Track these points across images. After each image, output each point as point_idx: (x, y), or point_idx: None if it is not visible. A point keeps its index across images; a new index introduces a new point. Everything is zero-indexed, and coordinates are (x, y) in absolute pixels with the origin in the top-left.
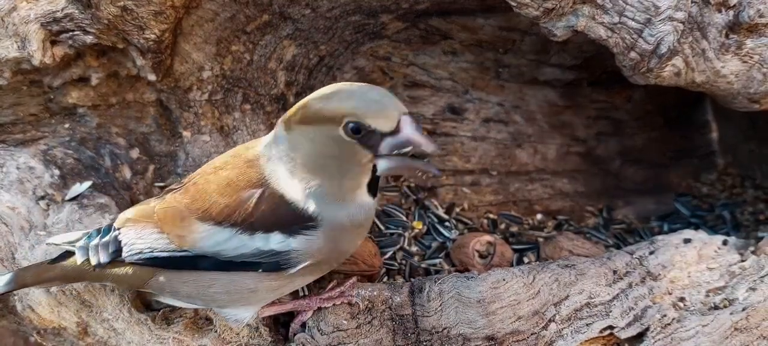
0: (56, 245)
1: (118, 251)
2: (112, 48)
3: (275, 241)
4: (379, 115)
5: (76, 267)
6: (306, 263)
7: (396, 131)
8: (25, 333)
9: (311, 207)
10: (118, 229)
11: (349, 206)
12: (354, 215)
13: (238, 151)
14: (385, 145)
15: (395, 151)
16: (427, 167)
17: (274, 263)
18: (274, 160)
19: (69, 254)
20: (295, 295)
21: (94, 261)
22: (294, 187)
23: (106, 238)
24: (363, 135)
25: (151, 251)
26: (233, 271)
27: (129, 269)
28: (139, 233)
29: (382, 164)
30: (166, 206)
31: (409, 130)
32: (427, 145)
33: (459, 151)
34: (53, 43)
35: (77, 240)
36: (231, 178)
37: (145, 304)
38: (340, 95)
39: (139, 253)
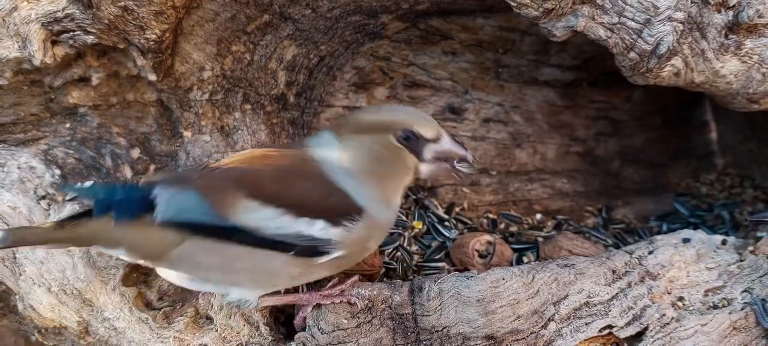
0: (75, 190)
1: (145, 210)
2: (112, 48)
3: (318, 228)
4: (425, 125)
5: (90, 229)
6: (338, 254)
7: (437, 139)
8: (26, 332)
9: (361, 201)
10: (151, 186)
11: (389, 206)
12: (389, 216)
13: (279, 149)
14: (427, 151)
15: (442, 156)
16: (461, 169)
17: (309, 249)
18: (329, 160)
19: (81, 216)
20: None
21: (118, 217)
22: (349, 183)
23: (133, 196)
24: (411, 141)
25: (192, 214)
26: (266, 249)
27: (153, 232)
28: (176, 195)
29: (424, 168)
30: (210, 175)
31: (448, 140)
32: (465, 153)
33: None
34: (54, 43)
35: (94, 192)
36: (286, 166)
37: (145, 303)
38: (389, 110)
39: (176, 214)
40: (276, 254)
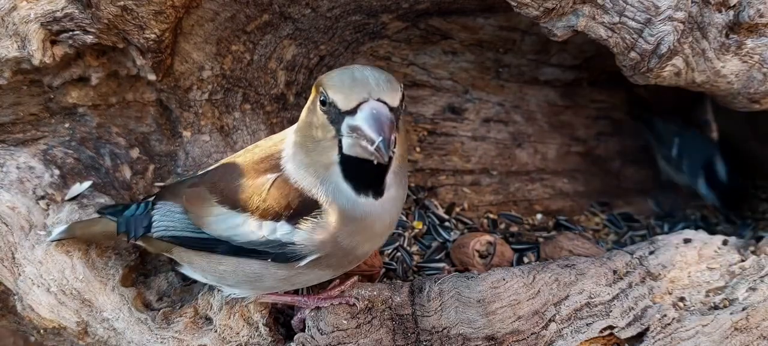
0: (102, 213)
1: (150, 226)
2: (112, 48)
3: (281, 231)
4: (340, 92)
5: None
6: (314, 257)
7: (352, 112)
8: (25, 333)
9: (314, 190)
10: (154, 205)
11: (335, 193)
12: (346, 206)
13: (273, 136)
14: (344, 125)
15: (354, 134)
16: (370, 150)
17: (281, 255)
18: (288, 141)
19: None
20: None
21: (131, 235)
22: (296, 163)
23: (142, 213)
24: (327, 108)
25: (175, 230)
26: (244, 257)
27: (155, 241)
28: (167, 210)
29: (345, 142)
30: (193, 187)
31: (362, 115)
32: (373, 135)
33: (459, 151)
34: (53, 42)
35: (119, 212)
36: (255, 161)
37: (145, 303)
38: (336, 69)
39: (165, 230)
40: (255, 260)
